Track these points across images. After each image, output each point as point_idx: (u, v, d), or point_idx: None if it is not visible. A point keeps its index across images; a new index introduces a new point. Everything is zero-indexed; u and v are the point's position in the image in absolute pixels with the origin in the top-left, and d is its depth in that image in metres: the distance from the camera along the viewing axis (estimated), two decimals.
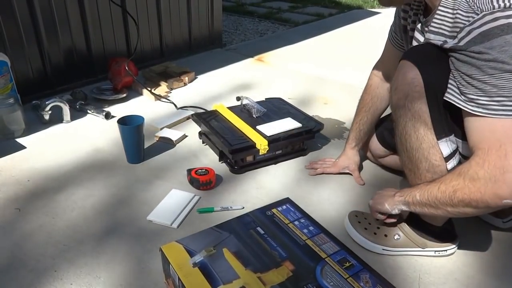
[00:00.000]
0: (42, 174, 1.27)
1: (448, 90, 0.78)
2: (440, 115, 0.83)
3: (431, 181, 0.83)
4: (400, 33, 1.07)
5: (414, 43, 0.93)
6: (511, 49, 0.66)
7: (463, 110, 0.75)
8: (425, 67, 0.81)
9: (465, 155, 0.87)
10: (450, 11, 0.74)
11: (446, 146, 0.85)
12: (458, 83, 0.75)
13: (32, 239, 1.02)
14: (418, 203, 0.84)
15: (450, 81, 0.77)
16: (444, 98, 0.79)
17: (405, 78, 0.83)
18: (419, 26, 0.92)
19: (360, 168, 1.34)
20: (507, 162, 0.69)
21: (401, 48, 1.10)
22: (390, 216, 0.96)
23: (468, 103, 0.74)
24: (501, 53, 0.67)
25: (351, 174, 1.30)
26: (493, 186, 0.70)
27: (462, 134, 0.85)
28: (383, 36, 1.19)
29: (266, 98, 1.64)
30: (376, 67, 1.24)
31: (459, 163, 0.88)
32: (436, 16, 0.78)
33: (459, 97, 0.76)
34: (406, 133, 0.87)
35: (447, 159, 0.86)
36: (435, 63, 0.79)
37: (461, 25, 0.72)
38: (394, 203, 0.91)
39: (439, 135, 0.84)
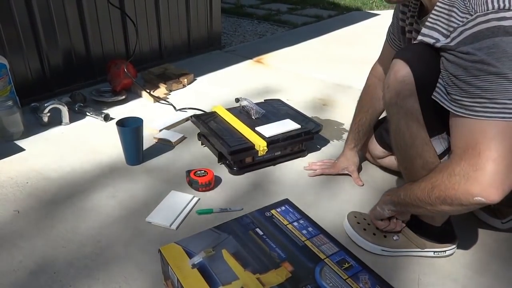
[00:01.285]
0: (41, 176, 1.27)
1: (436, 89, 0.79)
2: (432, 113, 0.83)
3: (415, 180, 0.84)
4: (398, 35, 1.07)
5: None
6: (498, 51, 0.67)
7: (448, 109, 0.77)
8: (416, 65, 0.81)
9: None
10: (447, 7, 0.74)
11: (439, 144, 0.86)
12: (445, 83, 0.76)
13: (30, 241, 1.01)
14: (402, 202, 0.86)
15: (439, 80, 0.78)
16: (432, 97, 0.79)
17: (396, 76, 0.83)
18: (416, 26, 0.92)
19: (359, 169, 1.34)
20: (480, 160, 0.70)
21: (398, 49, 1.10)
22: (390, 222, 0.97)
23: (452, 103, 0.75)
24: (488, 55, 0.67)
25: (350, 175, 1.30)
26: (466, 183, 0.72)
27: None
28: (381, 38, 1.20)
29: (265, 100, 1.65)
30: (375, 68, 1.24)
31: None
32: (433, 12, 0.78)
33: (445, 96, 0.77)
34: (400, 131, 0.88)
35: (441, 156, 0.86)
36: (427, 62, 0.80)
37: (455, 25, 0.72)
38: (383, 203, 0.94)
39: (432, 133, 0.85)
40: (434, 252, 0.98)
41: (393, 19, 1.10)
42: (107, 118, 1.63)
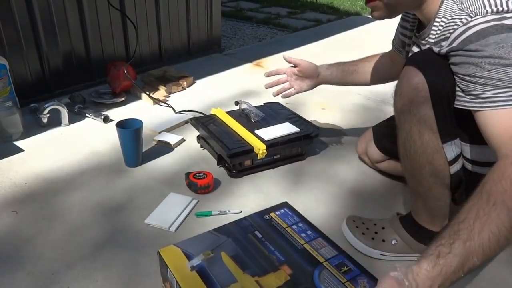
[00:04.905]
0: (40, 177, 1.27)
1: (456, 97, 0.78)
2: (446, 119, 0.83)
3: (455, 237, 0.62)
4: (399, 48, 1.10)
5: None
6: (506, 45, 0.68)
7: (473, 111, 0.75)
8: (429, 71, 0.81)
9: (473, 159, 0.88)
10: (445, 19, 0.76)
11: (451, 150, 0.85)
12: (463, 86, 0.76)
13: (29, 242, 1.01)
14: (484, 257, 0.61)
15: (456, 88, 0.78)
16: (454, 105, 0.79)
17: (409, 84, 0.82)
18: (415, 40, 0.95)
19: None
20: None
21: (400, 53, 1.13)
22: None
23: (475, 100, 0.73)
24: (497, 49, 0.68)
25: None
26: None
27: (468, 138, 0.85)
28: (380, 43, 1.21)
29: (264, 103, 1.65)
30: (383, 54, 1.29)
31: (462, 167, 0.89)
32: (433, 28, 0.80)
33: (465, 98, 0.76)
34: (411, 139, 0.86)
35: (451, 163, 0.86)
36: (438, 68, 0.80)
37: (455, 26, 0.73)
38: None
39: (445, 139, 0.84)
40: None
41: (396, 32, 1.12)
42: (106, 119, 1.63)
